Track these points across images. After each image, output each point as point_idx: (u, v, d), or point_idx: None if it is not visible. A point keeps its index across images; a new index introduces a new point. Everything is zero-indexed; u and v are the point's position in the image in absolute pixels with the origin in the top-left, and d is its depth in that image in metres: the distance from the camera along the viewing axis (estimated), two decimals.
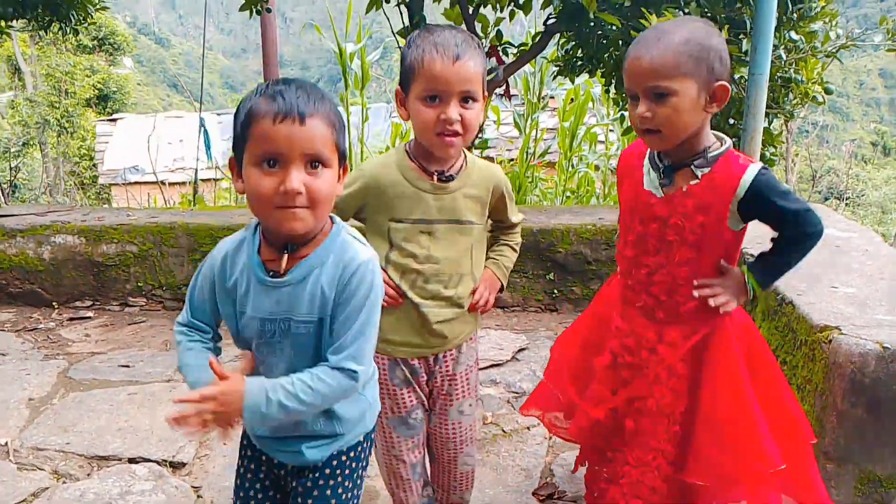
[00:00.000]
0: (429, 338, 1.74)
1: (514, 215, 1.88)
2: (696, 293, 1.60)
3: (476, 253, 1.76)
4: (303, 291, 1.30)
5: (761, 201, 1.54)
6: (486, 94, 1.64)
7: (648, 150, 1.68)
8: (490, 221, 1.85)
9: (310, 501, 1.41)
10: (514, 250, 1.91)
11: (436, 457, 1.91)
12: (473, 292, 1.77)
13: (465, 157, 1.72)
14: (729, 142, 1.62)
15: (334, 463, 1.43)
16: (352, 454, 1.45)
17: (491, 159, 7.77)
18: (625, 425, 1.73)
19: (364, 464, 1.49)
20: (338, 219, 1.38)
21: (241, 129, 1.26)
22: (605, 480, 1.81)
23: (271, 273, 1.32)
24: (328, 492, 1.42)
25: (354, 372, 1.30)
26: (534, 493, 2.26)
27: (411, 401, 1.79)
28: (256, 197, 1.24)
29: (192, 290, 1.42)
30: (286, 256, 1.31)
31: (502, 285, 1.85)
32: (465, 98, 1.56)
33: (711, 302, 1.59)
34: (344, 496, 1.43)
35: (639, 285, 1.68)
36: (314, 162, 1.24)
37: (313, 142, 1.23)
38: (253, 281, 1.33)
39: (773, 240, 1.66)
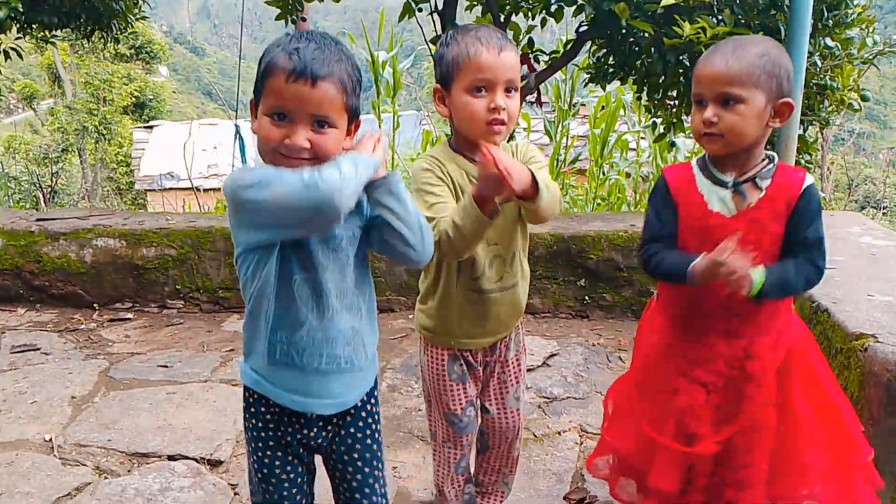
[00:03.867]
0: (492, 326, 1.78)
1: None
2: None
3: (521, 227, 1.78)
4: None
5: (806, 208, 1.58)
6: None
7: (699, 170, 1.67)
8: None
9: (358, 445, 1.55)
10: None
11: (491, 446, 1.96)
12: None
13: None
14: (776, 155, 1.66)
15: (363, 413, 1.56)
16: (371, 400, 1.58)
17: None
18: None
19: (378, 408, 1.62)
20: None
21: (260, 78, 1.33)
22: None
23: None
24: (368, 431, 1.56)
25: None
26: (565, 498, 2.27)
27: (466, 398, 1.83)
28: (265, 141, 1.33)
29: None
30: None
31: (533, 180, 1.53)
32: (508, 88, 1.61)
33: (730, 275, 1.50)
34: (377, 436, 1.59)
35: (720, 308, 1.64)
36: (321, 122, 1.32)
37: (321, 104, 1.31)
38: None
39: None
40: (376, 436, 1.59)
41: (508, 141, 1.93)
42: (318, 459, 1.60)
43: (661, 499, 1.78)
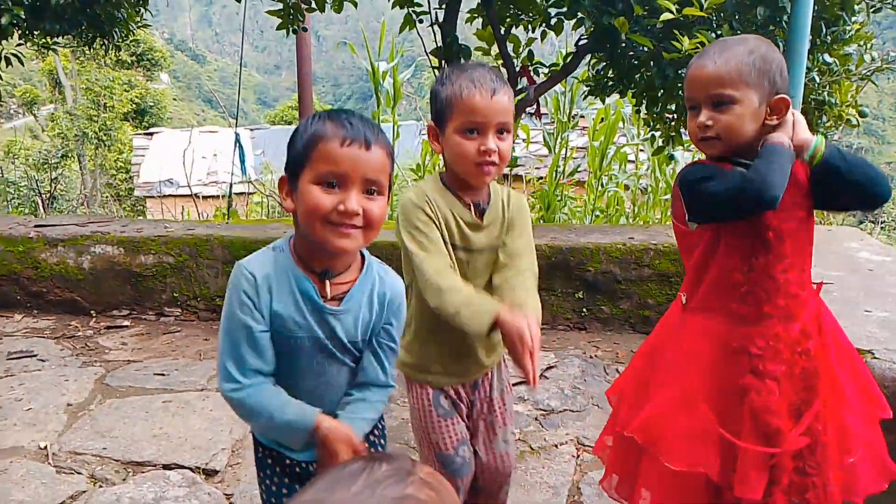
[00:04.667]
0: (469, 365, 1.78)
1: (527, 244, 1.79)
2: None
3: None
4: (353, 317, 1.40)
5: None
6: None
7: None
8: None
9: None
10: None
11: (483, 488, 1.91)
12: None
13: (489, 186, 1.75)
14: None
15: (370, 438, 1.58)
16: (375, 431, 1.60)
17: (520, 177, 7.80)
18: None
19: (384, 441, 1.68)
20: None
21: (302, 149, 1.31)
22: None
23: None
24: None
25: (394, 387, 1.50)
26: None
27: (457, 434, 1.79)
28: (313, 211, 1.29)
29: (242, 337, 1.36)
30: (328, 283, 1.37)
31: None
32: (500, 130, 1.63)
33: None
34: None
35: (776, 294, 1.62)
36: (371, 188, 1.31)
37: (375, 168, 1.30)
38: (308, 307, 1.37)
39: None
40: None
41: (500, 183, 1.94)
42: None
43: None
